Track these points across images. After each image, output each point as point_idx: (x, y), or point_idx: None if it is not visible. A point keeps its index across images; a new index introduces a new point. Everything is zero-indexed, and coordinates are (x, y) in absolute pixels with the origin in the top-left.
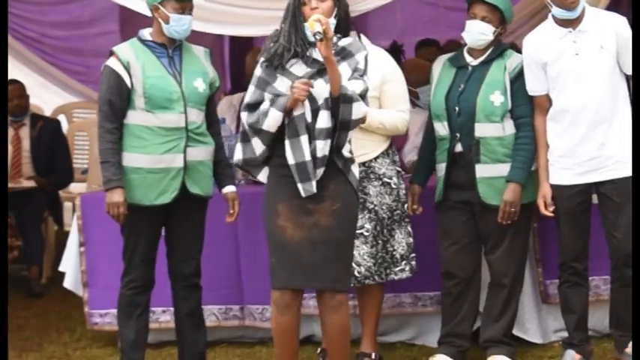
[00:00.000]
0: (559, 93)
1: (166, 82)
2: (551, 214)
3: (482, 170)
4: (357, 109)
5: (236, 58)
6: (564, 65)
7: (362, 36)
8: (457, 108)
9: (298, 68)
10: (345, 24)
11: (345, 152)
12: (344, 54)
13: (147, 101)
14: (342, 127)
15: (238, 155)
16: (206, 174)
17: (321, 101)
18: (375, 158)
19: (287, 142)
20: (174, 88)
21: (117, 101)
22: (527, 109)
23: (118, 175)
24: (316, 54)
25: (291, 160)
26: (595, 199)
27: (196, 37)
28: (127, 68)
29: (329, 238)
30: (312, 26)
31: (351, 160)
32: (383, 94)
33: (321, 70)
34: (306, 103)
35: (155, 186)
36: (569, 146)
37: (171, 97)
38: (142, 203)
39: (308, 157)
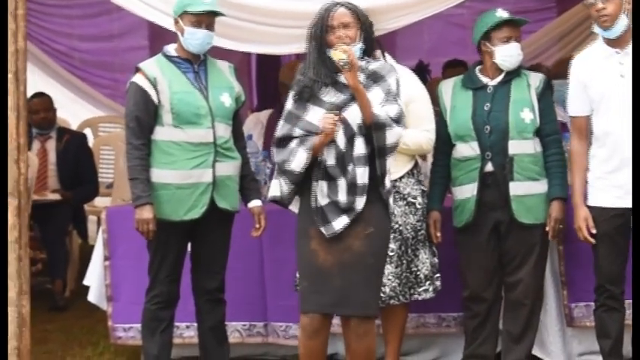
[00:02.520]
0: (602, 115)
1: (193, 97)
2: (592, 241)
3: (515, 188)
4: (391, 134)
5: (263, 75)
6: (608, 87)
7: (386, 55)
8: (488, 127)
9: (331, 96)
10: (371, 46)
11: (388, 182)
12: (375, 77)
13: (175, 117)
14: (379, 153)
15: (274, 192)
16: (233, 189)
17: (355, 128)
18: (400, 178)
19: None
20: (201, 103)
21: (144, 117)
22: (555, 125)
23: (147, 191)
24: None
25: (313, 203)
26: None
27: (223, 54)
28: (154, 84)
29: (360, 263)
30: (338, 56)
31: (390, 192)
32: (408, 114)
33: (354, 95)
34: (340, 133)
35: (185, 201)
36: (610, 169)
37: (198, 112)
38: (171, 219)
39: (324, 202)
